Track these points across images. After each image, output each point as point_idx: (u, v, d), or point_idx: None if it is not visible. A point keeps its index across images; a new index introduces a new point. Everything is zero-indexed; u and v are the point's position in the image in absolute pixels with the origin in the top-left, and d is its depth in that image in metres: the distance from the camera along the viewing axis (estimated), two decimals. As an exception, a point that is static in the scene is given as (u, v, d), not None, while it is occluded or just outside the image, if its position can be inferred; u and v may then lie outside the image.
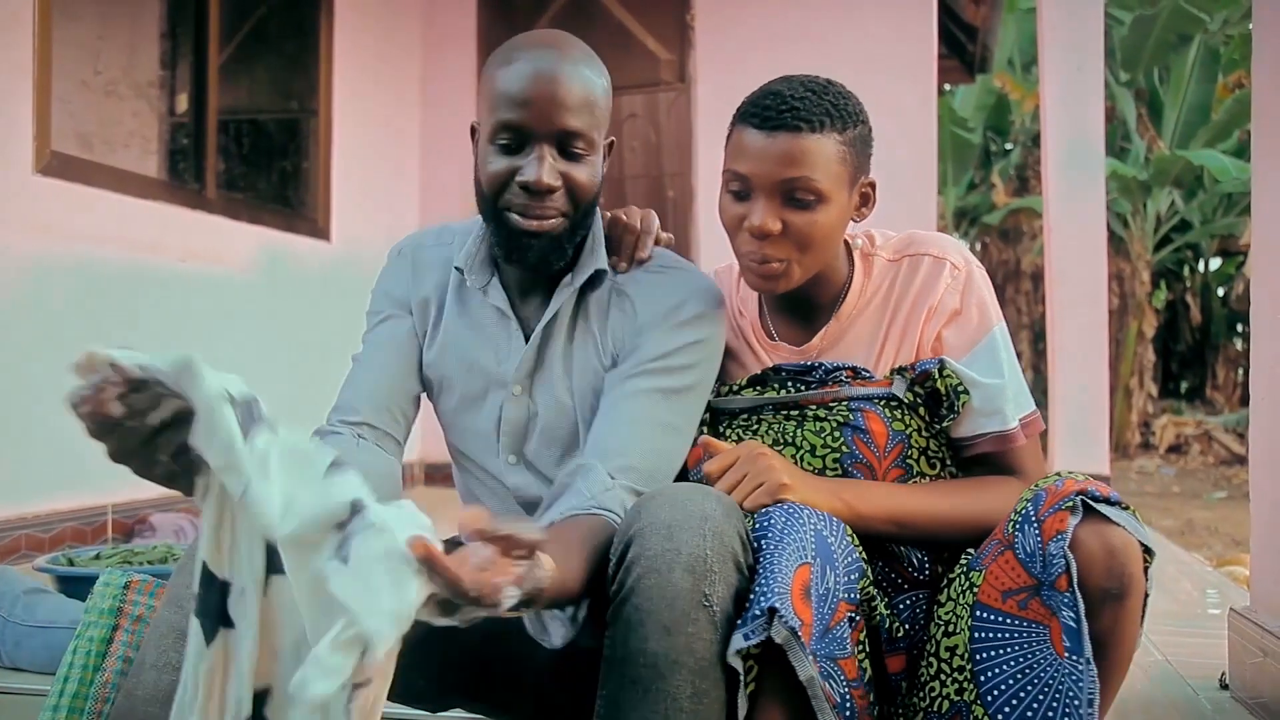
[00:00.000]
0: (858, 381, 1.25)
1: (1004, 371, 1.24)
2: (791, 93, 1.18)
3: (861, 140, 1.23)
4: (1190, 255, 12.36)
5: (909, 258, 1.29)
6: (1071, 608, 1.01)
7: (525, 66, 1.16)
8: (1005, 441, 1.24)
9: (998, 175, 11.80)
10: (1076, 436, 4.63)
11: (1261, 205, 1.91)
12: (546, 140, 1.16)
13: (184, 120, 4.03)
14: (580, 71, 1.17)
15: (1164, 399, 12.00)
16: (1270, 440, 1.86)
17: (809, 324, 1.31)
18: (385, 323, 1.33)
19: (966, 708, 1.08)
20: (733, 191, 1.22)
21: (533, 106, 1.14)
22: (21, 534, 2.98)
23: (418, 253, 1.35)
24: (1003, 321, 1.27)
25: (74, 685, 1.37)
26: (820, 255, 1.23)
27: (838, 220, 1.21)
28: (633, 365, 1.21)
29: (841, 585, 1.04)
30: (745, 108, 1.21)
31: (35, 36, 3.04)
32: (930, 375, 1.23)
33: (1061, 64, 4.73)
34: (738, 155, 1.20)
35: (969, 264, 1.28)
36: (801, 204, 1.18)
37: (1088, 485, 1.03)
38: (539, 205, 1.17)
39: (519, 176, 1.16)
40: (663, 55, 4.91)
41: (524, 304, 1.29)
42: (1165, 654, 2.20)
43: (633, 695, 0.95)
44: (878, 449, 1.23)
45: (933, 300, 1.25)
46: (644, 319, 1.24)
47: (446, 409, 1.33)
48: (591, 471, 1.13)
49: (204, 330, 3.69)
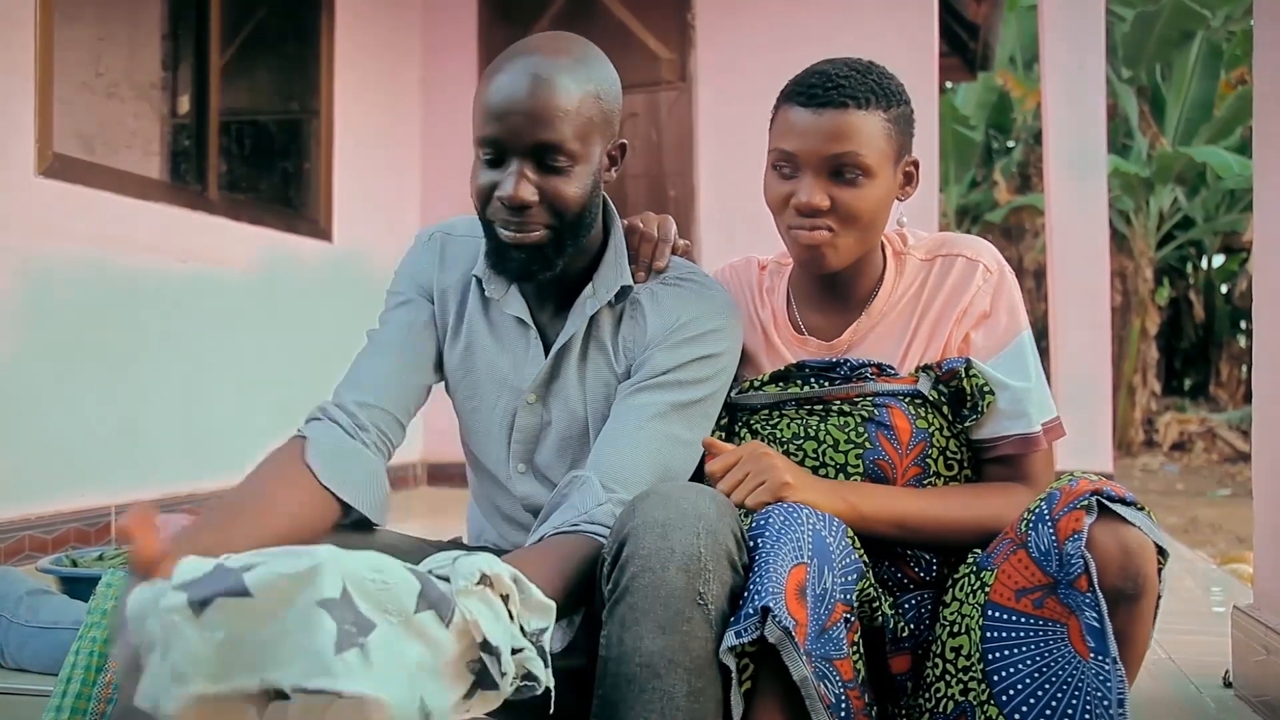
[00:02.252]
0: (883, 378, 1.25)
1: (1030, 375, 1.25)
2: (837, 72, 1.20)
3: (905, 119, 1.24)
4: (1193, 252, 12.34)
5: (942, 258, 1.29)
6: (1094, 608, 1.00)
7: (502, 79, 1.14)
8: (1028, 444, 1.23)
9: (999, 173, 11.78)
10: (1080, 434, 4.62)
11: (1264, 201, 1.91)
12: (522, 155, 1.14)
13: (185, 121, 4.03)
14: (559, 81, 1.13)
15: (1167, 396, 11.98)
16: (1274, 437, 1.86)
17: (840, 318, 1.31)
18: (405, 306, 1.32)
19: (973, 708, 1.08)
20: (780, 170, 1.23)
21: (506, 121, 1.12)
22: (25, 535, 2.99)
23: (447, 241, 1.34)
24: (1029, 328, 1.27)
25: (77, 686, 1.37)
26: (866, 234, 1.23)
27: (884, 197, 1.22)
28: (642, 378, 1.21)
29: (839, 586, 1.04)
30: (790, 88, 1.22)
31: (37, 38, 3.04)
32: (956, 374, 1.23)
33: (1063, 61, 4.72)
34: (785, 134, 1.21)
35: (1001, 267, 1.28)
36: (849, 180, 1.19)
37: (1103, 485, 1.03)
38: (517, 220, 1.15)
39: (497, 192, 1.16)
40: (664, 55, 4.91)
41: (542, 310, 1.29)
42: (1169, 652, 2.19)
43: (629, 694, 0.95)
44: (900, 445, 1.22)
45: (964, 302, 1.25)
46: (654, 333, 1.23)
47: (463, 407, 1.33)
48: (585, 485, 1.13)
49: (205, 331, 3.69)
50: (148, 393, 3.42)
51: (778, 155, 1.22)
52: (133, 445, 3.35)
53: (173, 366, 3.54)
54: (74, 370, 3.16)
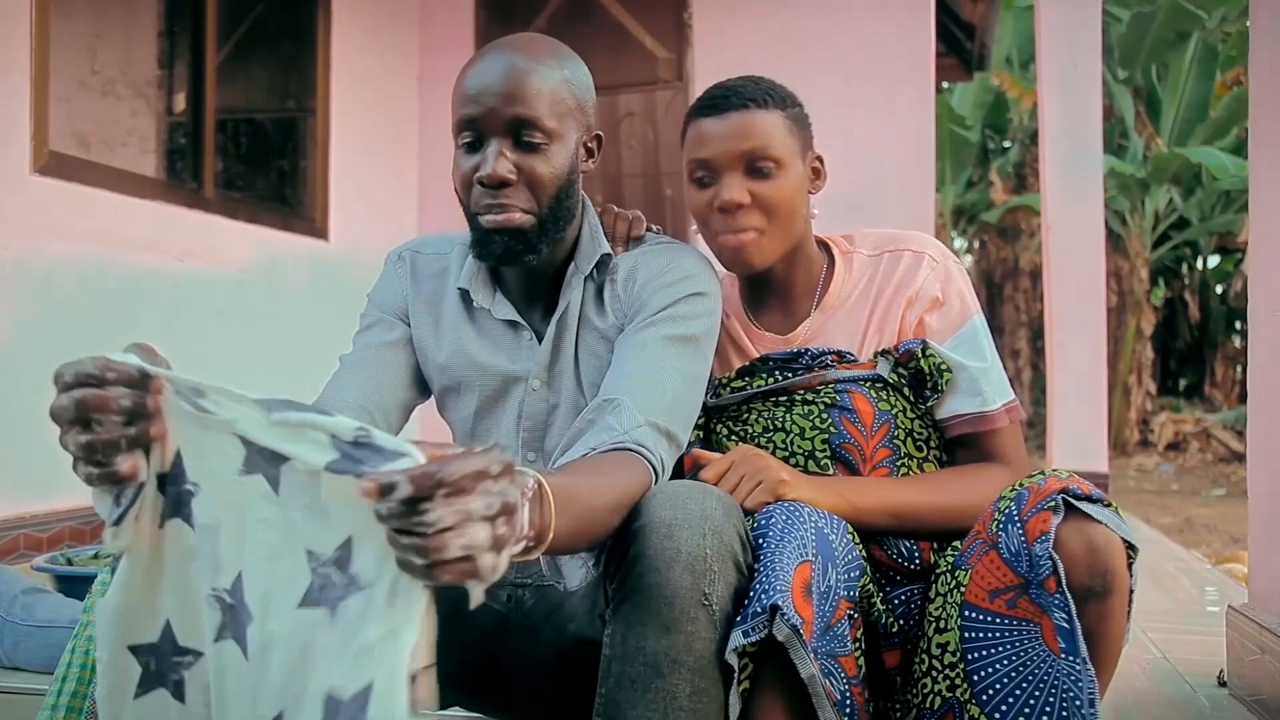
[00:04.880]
0: (843, 365, 1.29)
1: (986, 356, 1.30)
2: (732, 84, 1.31)
3: (801, 119, 1.32)
4: (1188, 252, 12.38)
5: (889, 253, 1.35)
6: (1063, 608, 1.01)
7: (478, 66, 1.17)
8: (985, 422, 1.27)
9: (996, 173, 11.81)
10: (1075, 434, 4.64)
11: (1259, 202, 1.91)
12: (499, 133, 1.16)
13: (182, 119, 4.02)
14: (532, 65, 1.16)
15: (1162, 396, 12.02)
16: (1268, 437, 1.87)
17: (790, 316, 1.36)
18: (375, 327, 1.32)
19: (960, 705, 1.08)
20: (698, 180, 1.31)
21: (481, 101, 1.15)
22: (20, 533, 2.98)
23: (416, 259, 1.35)
24: (981, 313, 1.33)
25: (72, 685, 1.37)
26: (788, 225, 1.29)
27: (797, 188, 1.30)
28: (641, 320, 1.22)
29: (842, 583, 1.05)
30: (694, 109, 1.32)
31: (33, 36, 3.04)
32: (914, 355, 1.28)
33: (1059, 61, 4.73)
34: (697, 144, 1.29)
35: (946, 258, 1.34)
36: (763, 173, 1.27)
37: (1069, 483, 1.04)
38: (497, 200, 1.16)
39: (477, 174, 1.17)
40: (660, 54, 4.91)
41: (530, 309, 1.29)
42: (1164, 651, 2.20)
43: (632, 693, 0.95)
44: (864, 428, 1.26)
45: (912, 289, 1.31)
46: (643, 280, 1.25)
47: (462, 415, 1.31)
48: (621, 407, 1.10)
49: (202, 329, 3.69)
50: (143, 391, 3.42)
51: (694, 166, 1.30)
52: (128, 444, 3.34)
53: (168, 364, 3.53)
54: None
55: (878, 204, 4.46)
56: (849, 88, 4.57)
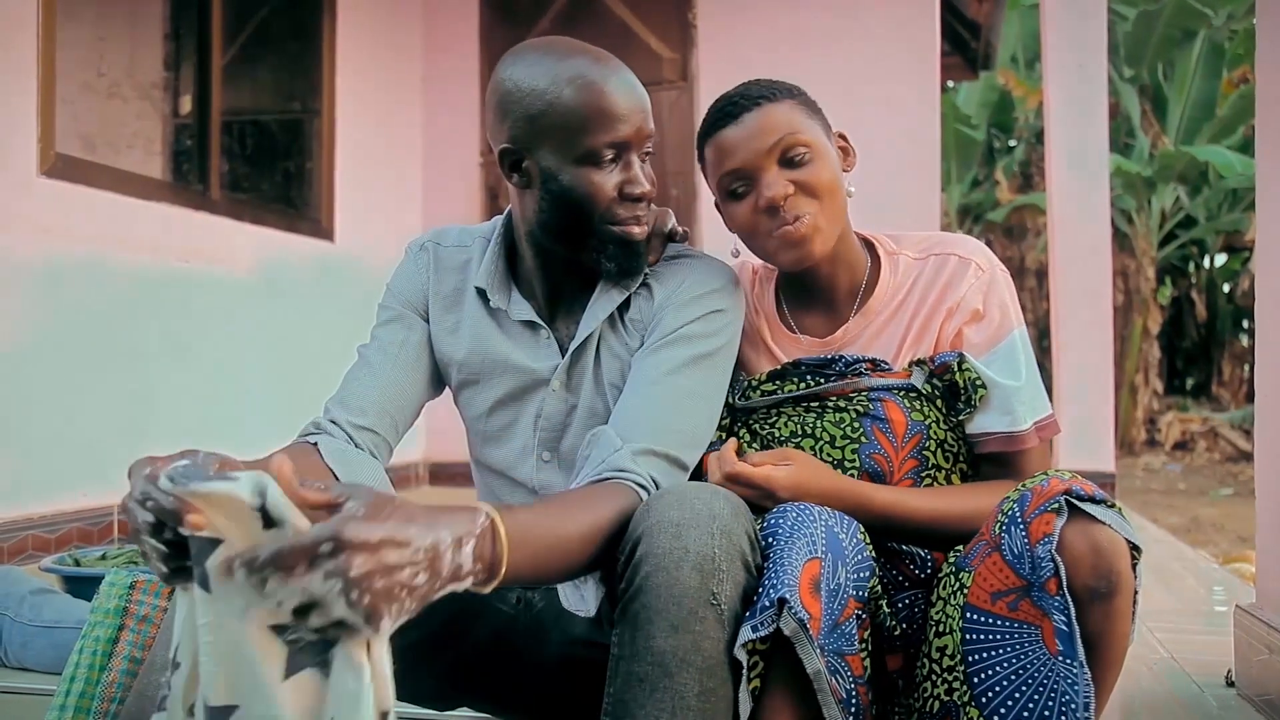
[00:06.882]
0: (877, 373, 1.27)
1: (1021, 374, 1.26)
2: (735, 92, 1.28)
3: (813, 104, 1.30)
4: (1195, 251, 12.33)
5: (935, 256, 1.31)
6: (1063, 611, 1.01)
7: (613, 84, 1.18)
8: (1014, 442, 1.25)
9: (1001, 172, 11.79)
10: (1082, 433, 4.63)
11: (1266, 200, 1.91)
12: (639, 149, 1.20)
13: (187, 121, 4.03)
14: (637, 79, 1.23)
15: (1169, 396, 11.98)
16: (1276, 436, 1.86)
17: (830, 317, 1.33)
18: (396, 323, 1.32)
19: (958, 709, 1.08)
20: (733, 193, 1.27)
21: (631, 120, 1.18)
22: (28, 534, 2.99)
23: (439, 251, 1.34)
24: (1023, 325, 1.29)
25: (80, 685, 1.37)
26: (836, 206, 1.26)
27: (835, 168, 1.27)
28: (655, 340, 1.22)
29: (851, 582, 1.04)
30: (705, 128, 1.29)
31: (39, 38, 3.05)
32: (949, 368, 1.25)
33: (1065, 60, 4.72)
34: (722, 158, 1.26)
35: (993, 266, 1.30)
36: (798, 161, 1.24)
37: (1073, 484, 1.03)
38: (641, 212, 1.21)
39: (630, 188, 1.19)
40: (665, 54, 4.91)
41: (553, 309, 1.29)
42: (1171, 651, 2.19)
43: (640, 693, 0.95)
44: (896, 439, 1.24)
45: (955, 299, 1.27)
46: (661, 298, 1.25)
47: (479, 411, 1.32)
48: (600, 437, 1.14)
49: (208, 330, 3.70)
50: (150, 392, 3.43)
51: (726, 180, 1.26)
52: (135, 445, 3.34)
53: (174, 366, 3.54)
54: (76, 370, 3.17)
55: (882, 203, 4.43)
56: (854, 87, 4.56)
